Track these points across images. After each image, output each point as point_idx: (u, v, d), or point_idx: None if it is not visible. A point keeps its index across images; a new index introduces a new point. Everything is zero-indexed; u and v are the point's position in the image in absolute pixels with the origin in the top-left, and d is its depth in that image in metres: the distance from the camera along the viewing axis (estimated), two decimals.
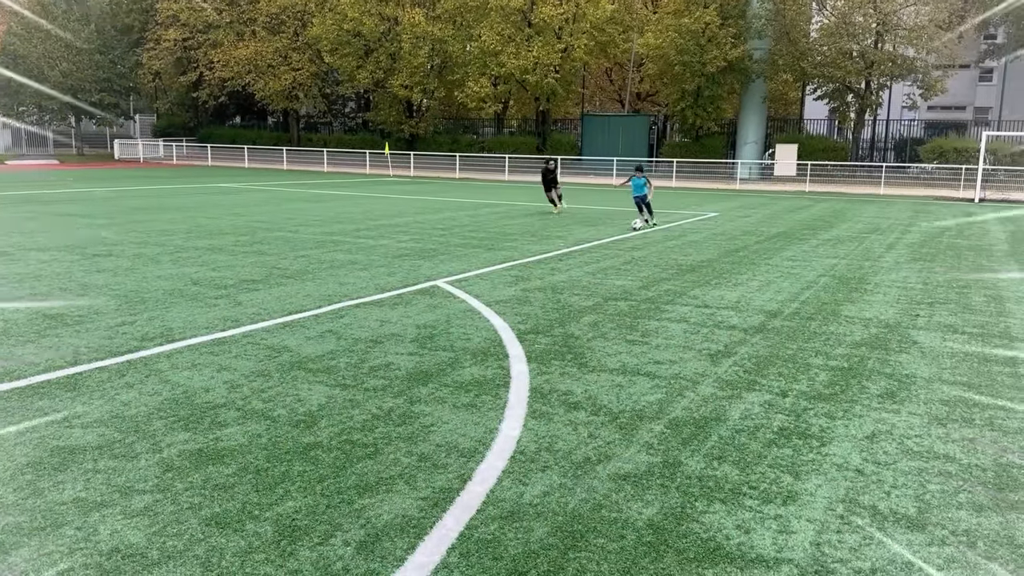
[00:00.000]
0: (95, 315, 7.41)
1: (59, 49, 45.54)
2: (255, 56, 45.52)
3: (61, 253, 11.17)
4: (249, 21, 46.89)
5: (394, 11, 42.51)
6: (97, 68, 46.63)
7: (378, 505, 3.71)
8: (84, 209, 17.87)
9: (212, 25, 47.05)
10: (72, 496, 3.73)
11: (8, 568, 3.10)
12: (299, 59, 45.93)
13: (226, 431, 4.60)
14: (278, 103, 48.22)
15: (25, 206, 18.36)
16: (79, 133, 52.42)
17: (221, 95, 48.72)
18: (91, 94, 46.88)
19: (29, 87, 45.83)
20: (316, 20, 43.95)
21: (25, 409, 4.88)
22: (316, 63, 46.36)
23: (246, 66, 45.81)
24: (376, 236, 13.98)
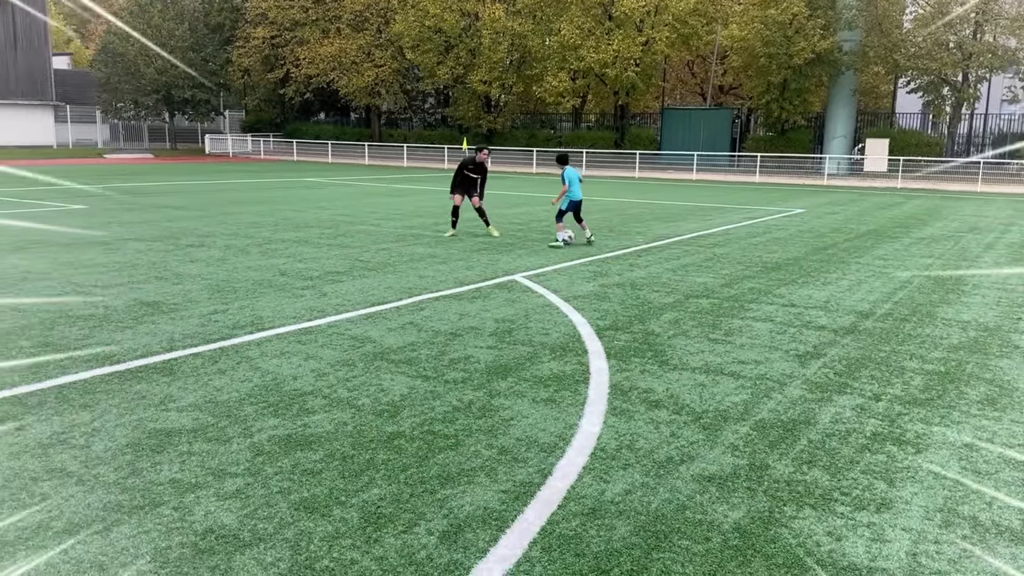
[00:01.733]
0: (189, 303, 7.70)
1: (155, 47, 47.46)
2: (339, 53, 46.51)
3: (156, 243, 11.65)
4: (334, 19, 47.92)
5: (475, 7, 42.77)
6: (190, 65, 48.42)
7: (460, 496, 3.74)
8: (178, 201, 18.60)
9: (298, 23, 48.28)
10: (168, 477, 3.88)
11: (110, 544, 3.25)
12: (381, 56, 46.71)
13: (313, 418, 4.71)
14: (361, 99, 49.16)
15: (123, 198, 19.22)
16: (172, 128, 54.59)
17: (306, 92, 49.98)
18: (184, 90, 48.74)
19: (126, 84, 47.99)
20: (399, 17, 44.60)
21: (124, 392, 5.11)
22: (398, 60, 47.06)
23: (330, 63, 46.85)
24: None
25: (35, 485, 3.76)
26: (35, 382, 5.24)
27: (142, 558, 3.14)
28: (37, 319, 6.91)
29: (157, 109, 50.99)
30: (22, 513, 3.48)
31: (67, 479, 3.83)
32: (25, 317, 6.97)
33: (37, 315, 7.06)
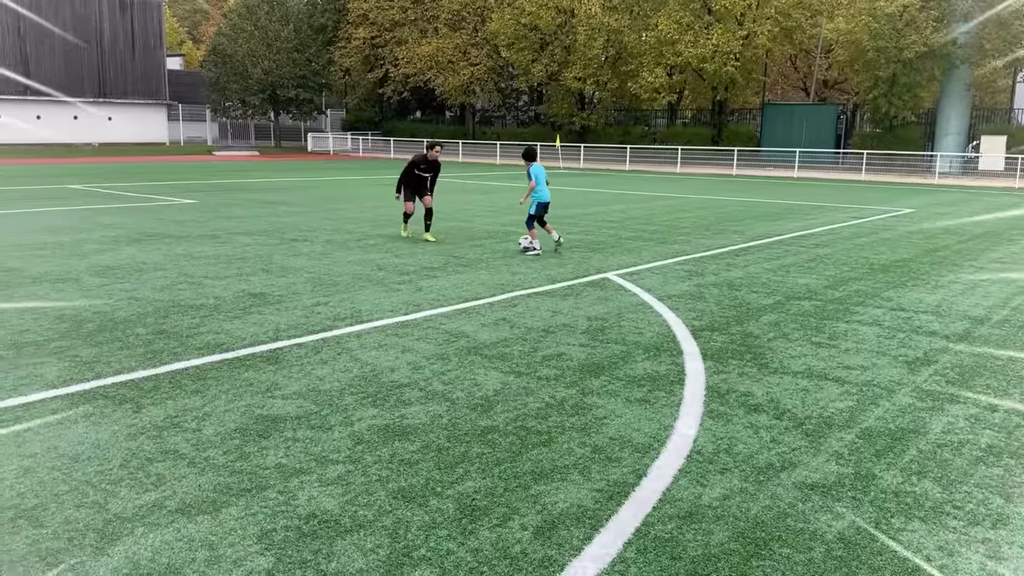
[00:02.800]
0: (293, 295, 7.98)
1: (261, 48, 49.37)
2: (436, 52, 47.26)
3: (262, 237, 12.11)
4: (432, 18, 48.73)
5: (571, 3, 42.66)
6: (294, 66, 50.16)
7: (553, 493, 3.74)
8: (282, 197, 19.30)
9: (398, 23, 49.32)
10: (274, 462, 4.03)
11: (219, 525, 3.40)
12: (477, 54, 47.20)
13: (410, 409, 4.81)
14: (456, 98, 49.82)
15: (231, 193, 20.08)
16: (277, 127, 56.67)
17: (404, 91, 51.04)
18: (288, 90, 50.51)
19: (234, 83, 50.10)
20: (495, 16, 44.95)
21: (233, 379, 5.34)
22: (493, 58, 47.46)
23: (428, 62, 47.66)
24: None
25: (151, 465, 3.97)
26: (150, 367, 5.54)
27: (249, 539, 3.27)
28: (152, 308, 7.30)
29: (263, 108, 53.01)
30: (139, 492, 3.68)
31: (180, 461, 4.03)
32: (142, 306, 7.37)
33: (152, 304, 7.46)
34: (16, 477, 3.79)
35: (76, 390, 5.03)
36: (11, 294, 7.74)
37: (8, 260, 9.58)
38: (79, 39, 48.69)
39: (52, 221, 13.55)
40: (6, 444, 4.17)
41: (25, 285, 8.17)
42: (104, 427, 4.43)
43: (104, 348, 5.96)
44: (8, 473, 3.83)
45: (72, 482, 3.75)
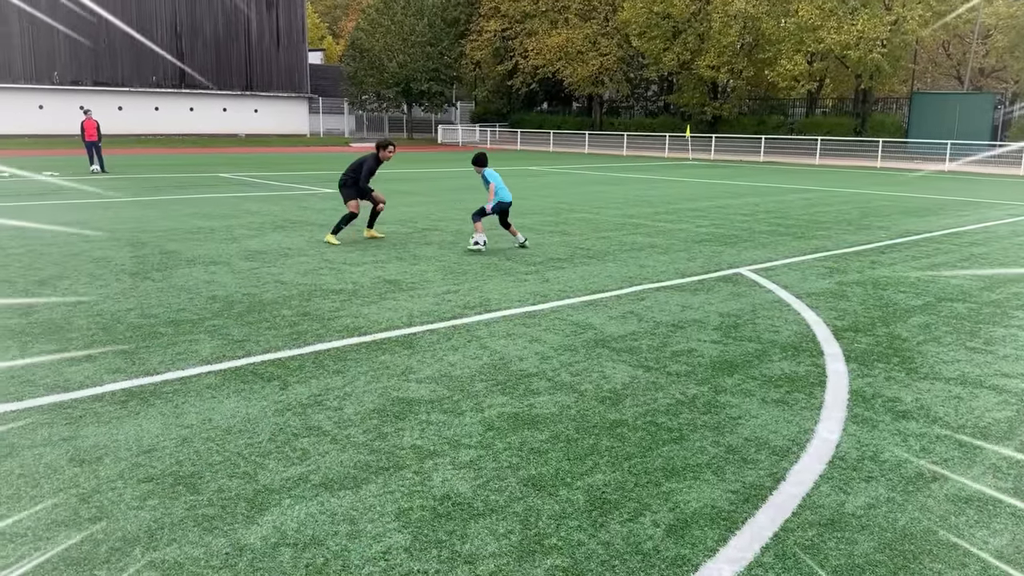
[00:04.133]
0: (425, 283, 8.19)
1: (397, 42, 50.88)
2: (566, 43, 47.22)
3: (396, 226, 12.49)
4: (562, 9, 48.71)
5: None
6: (427, 59, 51.43)
7: (686, 491, 3.67)
8: (413, 188, 19.84)
9: (529, 15, 49.61)
10: (410, 443, 4.16)
11: (360, 501, 3.53)
12: (607, 44, 46.82)
13: (539, 399, 4.84)
14: (584, 88, 49.64)
15: None
16: (409, 119, 58.31)
17: (532, 82, 51.32)
18: (421, 83, 51.86)
19: (370, 77, 51.89)
20: (627, 4, 44.42)
21: (371, 361, 5.53)
22: (623, 47, 46.95)
23: (557, 53, 47.70)
24: (675, 220, 13.84)
25: (296, 441, 4.17)
26: (295, 347, 5.82)
27: (387, 516, 3.39)
28: (296, 291, 7.67)
29: (396, 101, 54.68)
30: (286, 465, 3.88)
31: (323, 437, 4.22)
32: (287, 289, 7.76)
33: (297, 287, 7.84)
34: (175, 446, 4.08)
35: (228, 366, 5.36)
36: (169, 275, 8.33)
37: (168, 244, 10.32)
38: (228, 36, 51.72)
39: (205, 208, 14.48)
40: (166, 415, 4.49)
41: (181, 267, 8.78)
42: (254, 402, 4.70)
43: (253, 328, 6.32)
44: (168, 442, 4.12)
45: (225, 453, 4.00)
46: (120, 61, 47.54)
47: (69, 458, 3.90)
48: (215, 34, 51.21)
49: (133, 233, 11.13)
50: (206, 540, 3.17)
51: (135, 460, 3.89)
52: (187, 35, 50.02)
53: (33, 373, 5.12)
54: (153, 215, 13.26)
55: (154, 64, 48.77)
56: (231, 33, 51.91)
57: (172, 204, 15.02)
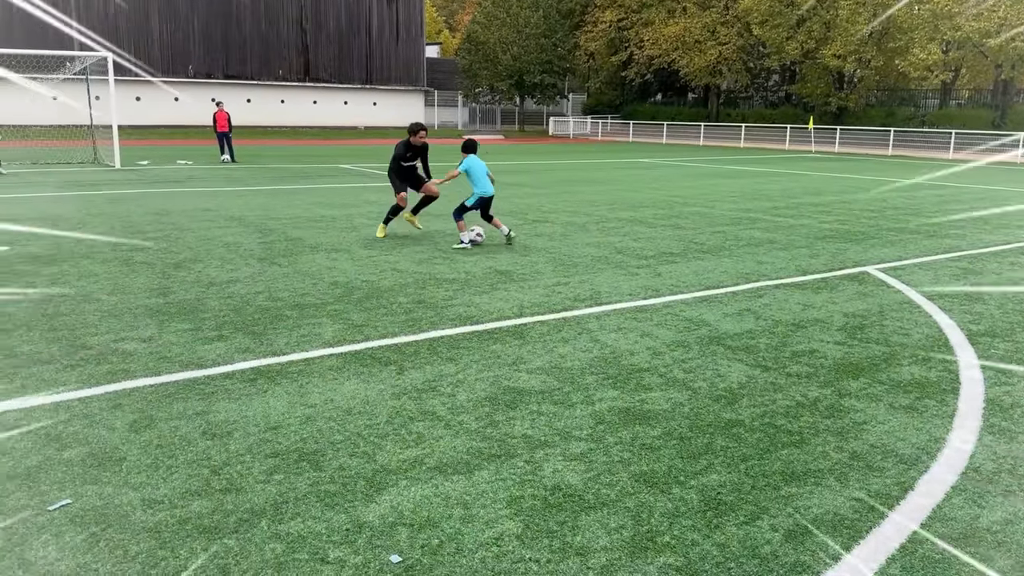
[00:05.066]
0: (536, 274, 8.23)
1: (512, 35, 51.19)
2: (683, 33, 46.27)
3: (507, 218, 12.59)
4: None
5: None
6: (541, 51, 51.51)
7: (806, 496, 3.54)
8: (525, 180, 19.94)
9: (645, 4, 48.89)
10: (521, 432, 4.19)
11: (472, 486, 3.59)
12: (726, 33, 45.58)
13: (650, 395, 4.78)
14: (700, 79, 48.53)
15: None
16: (521, 111, 58.61)
17: (647, 73, 50.57)
18: (534, 75, 52.00)
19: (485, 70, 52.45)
20: None
21: (483, 350, 5.61)
22: (743, 36, 45.58)
23: (673, 43, 46.82)
24: (795, 215, 13.35)
25: (412, 424, 4.28)
26: (411, 334, 5.97)
27: (499, 503, 3.43)
28: (412, 279, 7.86)
29: (509, 93, 55.04)
30: (403, 447, 3.99)
31: (437, 422, 4.31)
32: (403, 277, 7.96)
33: (412, 275, 8.03)
34: (299, 424, 4.26)
35: (348, 350, 5.55)
36: (294, 260, 8.70)
37: (292, 231, 10.77)
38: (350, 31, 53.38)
39: (326, 197, 15.03)
40: (291, 394, 4.69)
41: (305, 253, 9.14)
42: (372, 385, 4.85)
43: (371, 313, 6.52)
44: (293, 420, 4.31)
45: (345, 432, 4.15)
46: (249, 56, 49.90)
47: (202, 432, 4.13)
48: (338, 29, 52.96)
49: (261, 220, 11.68)
50: (328, 516, 3.30)
51: (262, 436, 4.09)
52: (312, 30, 51.95)
53: (169, 350, 5.45)
54: (279, 203, 13.86)
55: (280, 58, 50.94)
56: (353, 28, 53.57)
57: (296, 193, 15.66)
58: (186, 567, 2.92)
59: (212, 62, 48.78)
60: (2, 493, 3.43)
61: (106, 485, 3.53)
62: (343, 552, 3.03)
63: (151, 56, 46.54)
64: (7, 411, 4.33)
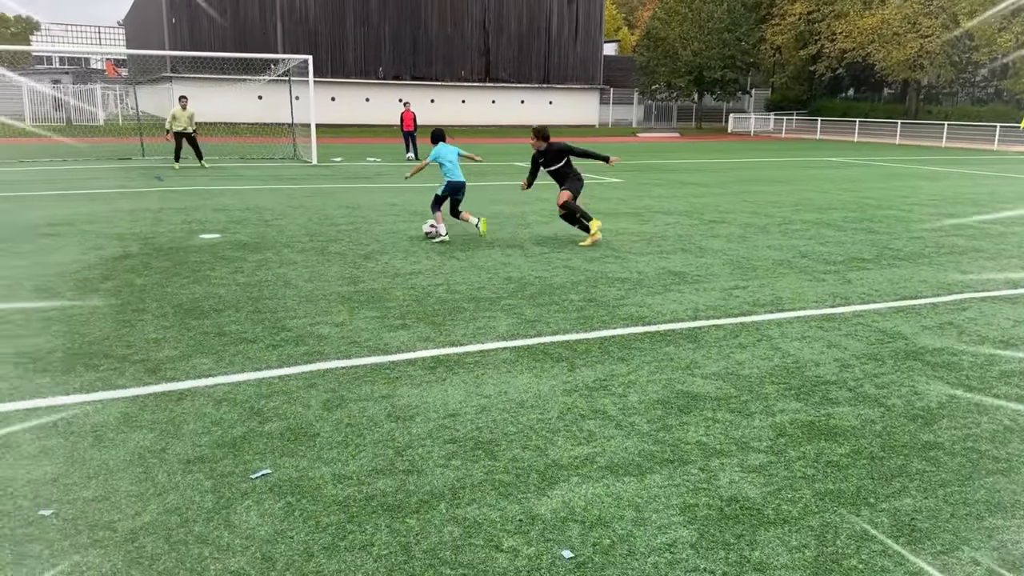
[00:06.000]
0: (711, 276, 8.00)
1: (693, 30, 50.01)
2: (880, 25, 43.28)
3: (682, 217, 12.34)
4: None
5: None
6: (724, 46, 49.96)
7: (1014, 530, 3.21)
8: (701, 178, 19.45)
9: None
10: (695, 439, 4.09)
11: (644, 489, 3.54)
12: (929, 25, 42.15)
13: (837, 409, 4.51)
14: (898, 73, 45.20)
15: (652, 174, 20.79)
16: (699, 108, 57.18)
17: (838, 67, 47.79)
18: (714, 71, 50.53)
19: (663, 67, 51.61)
20: None
21: (655, 352, 5.53)
22: (949, 28, 41.95)
23: (869, 36, 43.91)
24: (1006, 222, 12.14)
25: (583, 422, 4.29)
26: (582, 332, 5.99)
27: (672, 509, 3.36)
28: (583, 277, 7.88)
29: (688, 90, 53.84)
30: (574, 444, 4.01)
31: (608, 422, 4.29)
32: (574, 274, 8.00)
33: (583, 273, 8.05)
34: (475, 413, 4.39)
35: (521, 344, 5.65)
36: (471, 255, 8.97)
37: (469, 227, 11.11)
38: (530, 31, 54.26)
39: (501, 194, 15.38)
40: (468, 384, 4.84)
41: (482, 248, 9.40)
42: (544, 380, 4.91)
43: (544, 309, 6.60)
44: (470, 408, 4.45)
45: (518, 425, 4.23)
46: (435, 57, 52.00)
47: (387, 414, 4.36)
48: (518, 29, 54.01)
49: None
50: (502, 504, 3.38)
51: (441, 422, 4.25)
52: (493, 31, 53.33)
53: (359, 335, 5.79)
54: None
55: (463, 59, 52.69)
56: (533, 28, 54.43)
57: (473, 190, 16.11)
58: (372, 542, 3.09)
59: (400, 64, 51.26)
60: (212, 459, 3.78)
61: (301, 458, 3.80)
62: (516, 542, 3.09)
63: (345, 59, 49.58)
64: (218, 384, 4.77)
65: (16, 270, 7.79)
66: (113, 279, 7.46)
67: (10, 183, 15.76)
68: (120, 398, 4.52)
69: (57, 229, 10.23)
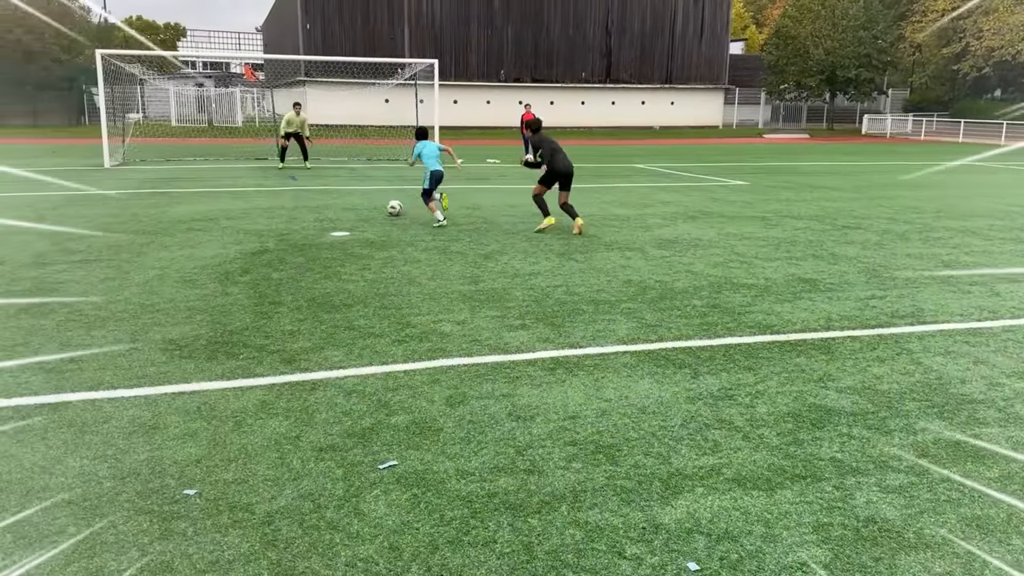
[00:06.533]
0: (845, 285, 7.64)
1: (826, 28, 47.98)
2: None
3: (812, 222, 11.85)
4: None
5: None
6: (859, 44, 47.68)
7: None
8: (833, 182, 18.62)
9: None
10: (829, 455, 3.90)
11: (774, 504, 3.41)
12: None
13: (986, 430, 4.20)
14: None
15: (780, 176, 20.07)
16: (830, 108, 54.80)
17: (985, 66, 44.73)
18: (848, 70, 48.29)
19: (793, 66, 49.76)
20: None
21: (784, 362, 5.32)
22: None
23: (1020, 32, 40.89)
24: None
25: (708, 431, 4.18)
26: (706, 338, 5.84)
27: (804, 527, 3.22)
28: (707, 282, 7.69)
29: (819, 90, 51.72)
30: (698, 454, 3.91)
31: (735, 432, 4.16)
32: (697, 279, 7.82)
33: (707, 278, 7.86)
34: (595, 416, 4.35)
35: (642, 348, 5.57)
36: (590, 257, 8.92)
37: (587, 228, 11.06)
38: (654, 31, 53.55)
39: (620, 196, 15.24)
40: (588, 387, 4.81)
41: (600, 250, 9.34)
42: (666, 387, 4.82)
43: (665, 314, 6.48)
44: (590, 412, 4.42)
45: (640, 431, 4.16)
46: (556, 59, 52.14)
47: (507, 413, 4.39)
48: (641, 30, 53.40)
49: (558, 217, 12.15)
50: (624, 511, 3.33)
51: (561, 424, 4.24)
52: (616, 32, 52.95)
53: (480, 334, 5.86)
54: (575, 201, 14.25)
55: (584, 61, 52.58)
56: (656, 28, 53.68)
57: (592, 192, 16.07)
58: (495, 539, 3.11)
59: (521, 67, 51.70)
60: (343, 448, 3.92)
61: (426, 452, 3.88)
62: (640, 550, 3.04)
63: (468, 62, 50.46)
64: (348, 376, 4.94)
65: (165, 262, 8.34)
66: (252, 273, 7.87)
67: (160, 180, 16.92)
68: (258, 386, 4.75)
69: (201, 224, 10.89)
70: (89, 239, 9.61)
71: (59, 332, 5.78)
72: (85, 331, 5.81)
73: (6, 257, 8.50)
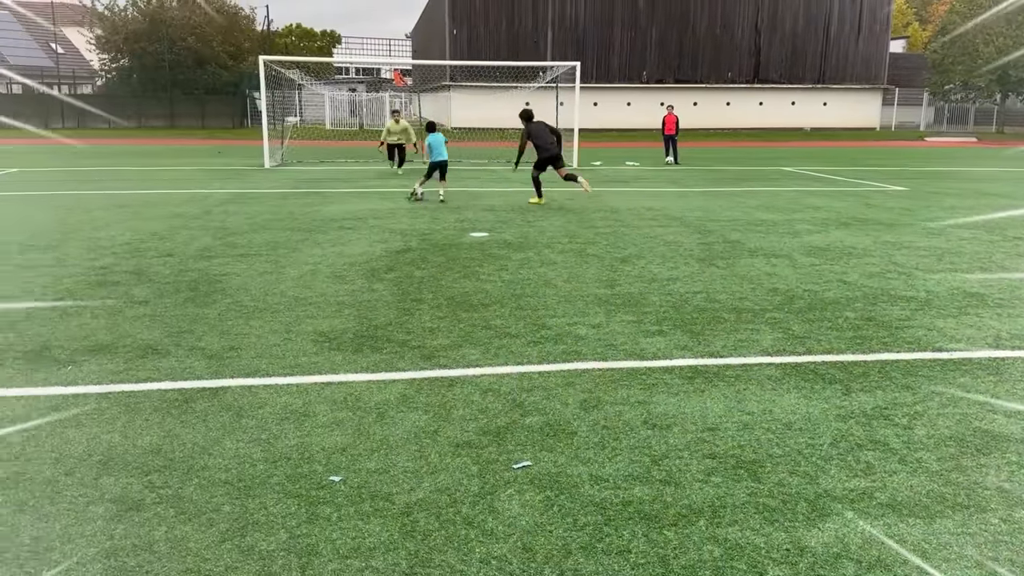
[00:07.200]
0: (1017, 301, 7.02)
1: (1000, 24, 44.40)
2: None
3: (980, 232, 10.96)
4: None
5: None
6: None
7: None
8: (1005, 189, 17.18)
9: None
10: (995, 484, 3.59)
11: (932, 534, 3.17)
12: None
13: None
14: None
15: (944, 182, 18.71)
16: (1002, 110, 50.66)
17: None
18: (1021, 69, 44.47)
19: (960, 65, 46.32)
20: None
21: (947, 382, 4.94)
22: None
23: None
24: None
25: (860, 452, 3.94)
26: (859, 353, 5.51)
27: (966, 560, 2.97)
28: (861, 293, 7.27)
29: (989, 90, 47.96)
30: (849, 475, 3.69)
31: (890, 455, 3.90)
32: (850, 290, 7.40)
33: (861, 289, 7.42)
34: (737, 430, 4.20)
35: (788, 360, 5.33)
36: (732, 263, 8.63)
37: (731, 233, 10.73)
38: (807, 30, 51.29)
39: (766, 200, 14.68)
40: (728, 398, 4.64)
41: (744, 256, 9.02)
42: (814, 403, 4.58)
43: (814, 326, 6.18)
44: (730, 424, 4.26)
45: (785, 447, 3.98)
46: (700, 59, 50.98)
47: (643, 420, 4.31)
48: (793, 29, 51.32)
49: (700, 221, 11.85)
50: (766, 531, 3.19)
51: (699, 435, 4.12)
52: (766, 31, 51.15)
53: (615, 338, 5.80)
54: (718, 205, 13.92)
55: (731, 61, 51.11)
56: (809, 27, 51.44)
57: (735, 196, 15.58)
58: (629, 548, 3.06)
59: (664, 67, 50.89)
60: (479, 445, 3.97)
61: (560, 455, 3.87)
62: (783, 572, 2.90)
63: (610, 64, 50.19)
64: (484, 374, 5.01)
65: (317, 258, 8.78)
66: (396, 271, 8.15)
67: (314, 180, 17.86)
68: (400, 380, 4.91)
69: (351, 223, 11.39)
70: (249, 235, 10.26)
71: (220, 321, 6.20)
72: (244, 321, 6.20)
73: (175, 250, 9.21)
